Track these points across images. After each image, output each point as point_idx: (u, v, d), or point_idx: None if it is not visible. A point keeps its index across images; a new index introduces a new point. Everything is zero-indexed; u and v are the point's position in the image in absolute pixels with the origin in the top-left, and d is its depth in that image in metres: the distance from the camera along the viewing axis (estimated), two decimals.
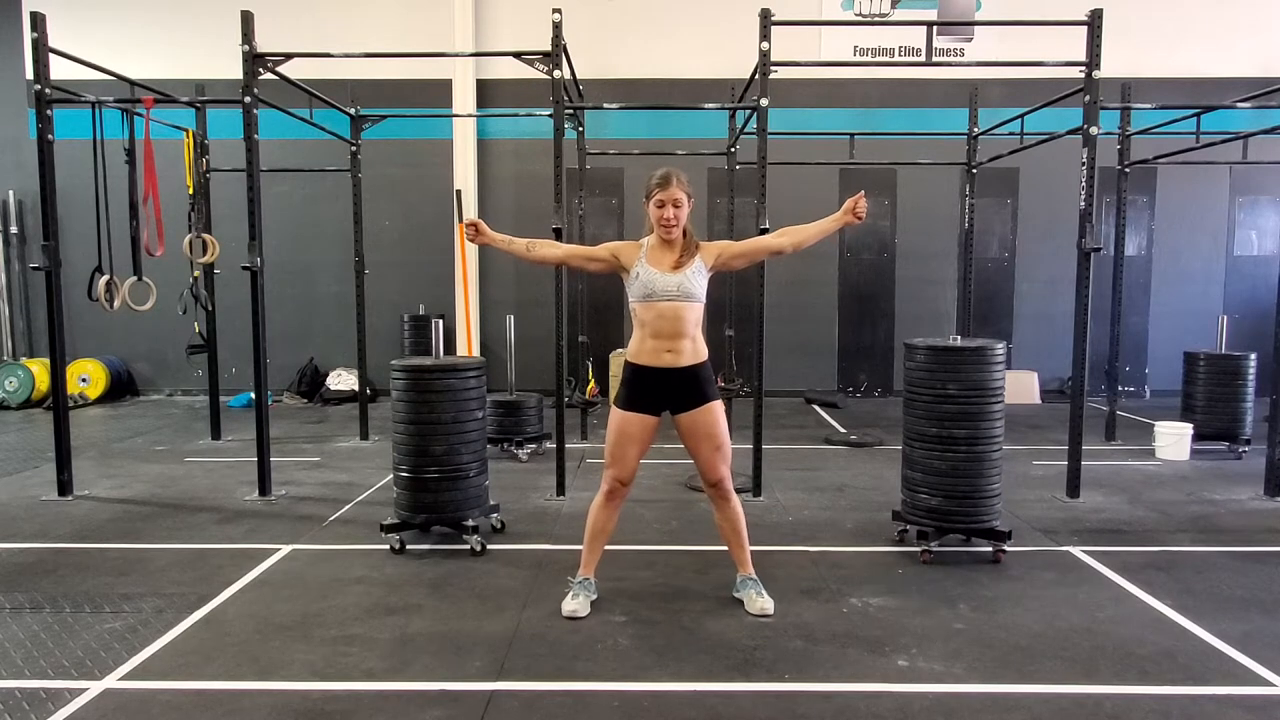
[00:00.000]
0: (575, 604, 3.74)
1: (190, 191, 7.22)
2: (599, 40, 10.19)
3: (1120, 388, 9.42)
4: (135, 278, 6.43)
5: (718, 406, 3.74)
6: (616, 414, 3.75)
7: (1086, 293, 5.66)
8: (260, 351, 5.82)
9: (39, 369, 9.86)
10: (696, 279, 3.65)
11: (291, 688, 3.12)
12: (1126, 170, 7.88)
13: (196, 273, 7.37)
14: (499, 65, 10.10)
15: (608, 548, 3.97)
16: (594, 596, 3.84)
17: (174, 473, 6.58)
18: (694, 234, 3.78)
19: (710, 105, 6.86)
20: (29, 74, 5.97)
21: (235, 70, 5.70)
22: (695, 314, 3.67)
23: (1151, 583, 4.16)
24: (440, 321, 5.16)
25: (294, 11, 10.24)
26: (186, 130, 7.26)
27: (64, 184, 5.90)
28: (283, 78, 6.30)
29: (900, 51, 10.55)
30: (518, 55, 5.82)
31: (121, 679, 3.18)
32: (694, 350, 3.68)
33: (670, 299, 3.60)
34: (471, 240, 3.78)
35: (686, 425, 3.72)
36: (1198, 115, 7.43)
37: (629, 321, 3.76)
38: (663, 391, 3.68)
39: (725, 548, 3.96)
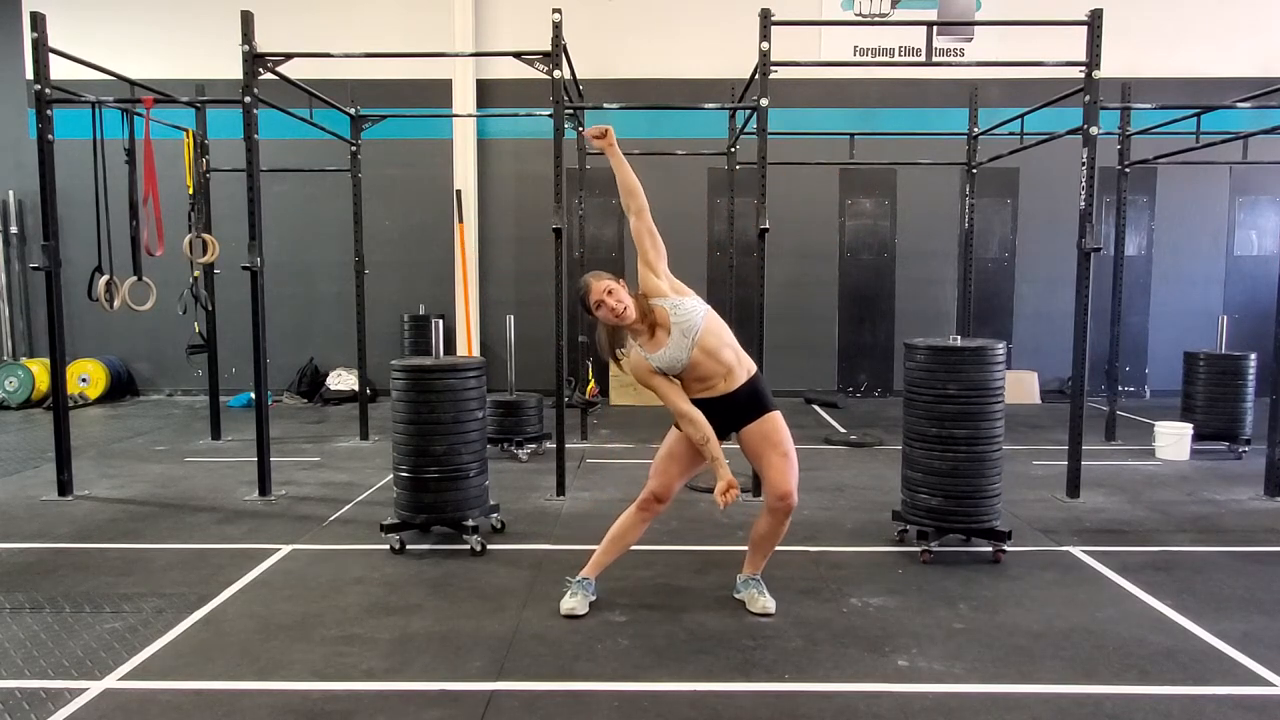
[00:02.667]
0: (574, 602, 3.74)
1: (190, 191, 7.22)
2: (599, 40, 10.19)
3: (1120, 388, 9.42)
4: (135, 278, 6.43)
5: (778, 416, 3.67)
6: (671, 433, 3.75)
7: (1086, 293, 5.66)
8: (260, 351, 5.82)
9: (39, 369, 9.86)
10: (682, 311, 3.52)
11: (291, 688, 3.12)
12: (1126, 170, 7.88)
13: (196, 273, 7.37)
14: (499, 65, 10.11)
15: None
16: (593, 597, 3.83)
17: (174, 473, 6.58)
18: (647, 301, 3.59)
19: (710, 105, 6.86)
20: (29, 74, 5.96)
21: (235, 70, 5.70)
22: (716, 332, 3.55)
23: (1151, 583, 4.16)
24: (440, 321, 5.16)
25: (294, 11, 10.23)
26: (186, 130, 7.26)
27: (64, 184, 5.90)
28: (283, 78, 6.30)
29: (900, 51, 10.55)
30: (518, 55, 5.82)
31: (121, 679, 3.18)
32: (740, 370, 3.62)
33: (691, 349, 3.52)
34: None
35: (751, 438, 3.65)
36: (1198, 115, 7.43)
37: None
38: (722, 415, 3.61)
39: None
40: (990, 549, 4.49)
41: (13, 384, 9.91)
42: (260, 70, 5.75)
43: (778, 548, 4.48)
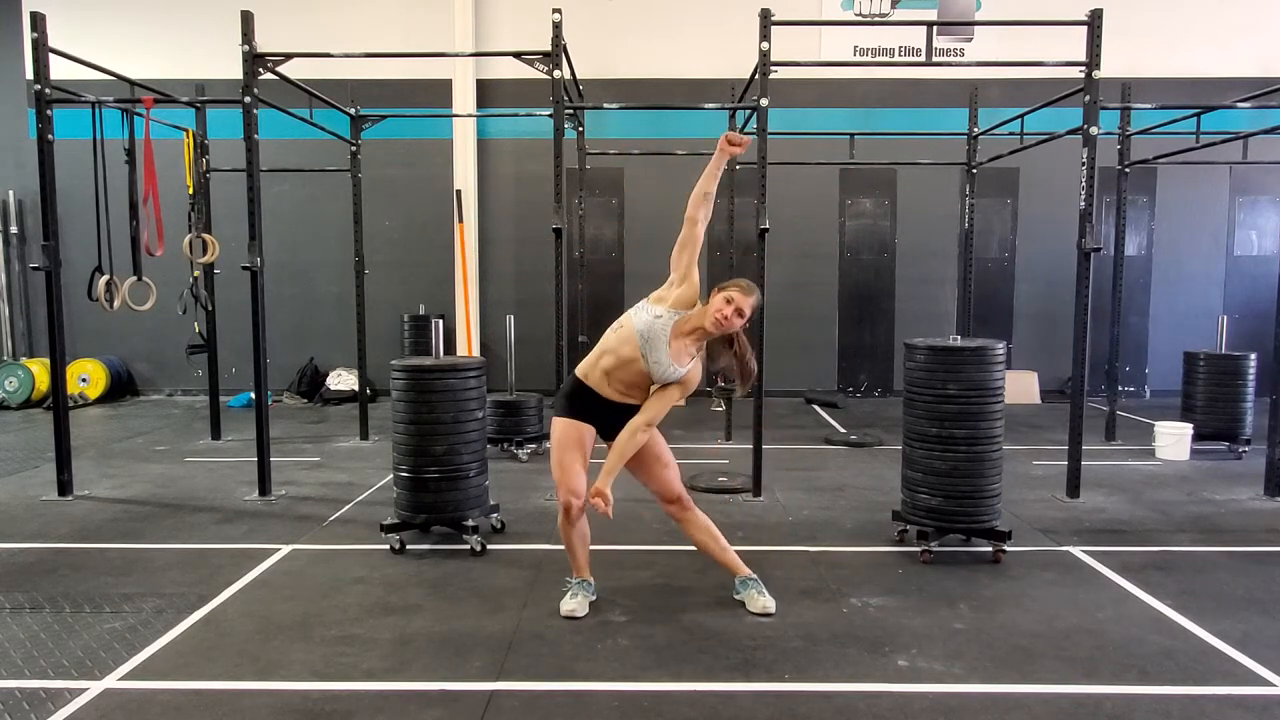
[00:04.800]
0: (574, 603, 3.74)
1: (190, 191, 7.22)
2: (599, 40, 10.19)
3: (1120, 388, 9.42)
4: (135, 278, 6.43)
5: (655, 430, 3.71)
6: (555, 422, 3.72)
7: (1086, 293, 5.66)
8: (260, 351, 5.82)
9: (39, 369, 9.86)
10: (682, 369, 3.58)
11: (291, 688, 3.12)
12: (1126, 170, 7.88)
13: (196, 273, 7.37)
14: (499, 65, 10.11)
15: (608, 548, 3.98)
16: (593, 597, 3.84)
17: (174, 473, 6.58)
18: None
19: (710, 105, 6.86)
20: (29, 74, 5.96)
21: (235, 70, 5.70)
22: (658, 385, 3.63)
23: (1151, 583, 4.16)
24: (440, 321, 5.16)
25: (294, 11, 10.23)
26: (186, 130, 7.26)
27: (64, 184, 5.89)
28: (283, 78, 6.30)
29: (900, 51, 10.55)
30: (518, 55, 5.82)
31: (121, 679, 3.18)
32: (641, 398, 3.66)
33: (654, 379, 3.58)
34: (736, 146, 3.57)
35: (638, 452, 3.66)
36: (1198, 115, 7.43)
37: (605, 336, 3.73)
38: (602, 414, 3.67)
39: (712, 559, 3.94)
40: (990, 549, 4.49)
41: (13, 384, 9.91)
42: (260, 70, 5.75)
43: (778, 547, 4.48)
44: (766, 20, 5.52)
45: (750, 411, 5.89)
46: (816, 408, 10.04)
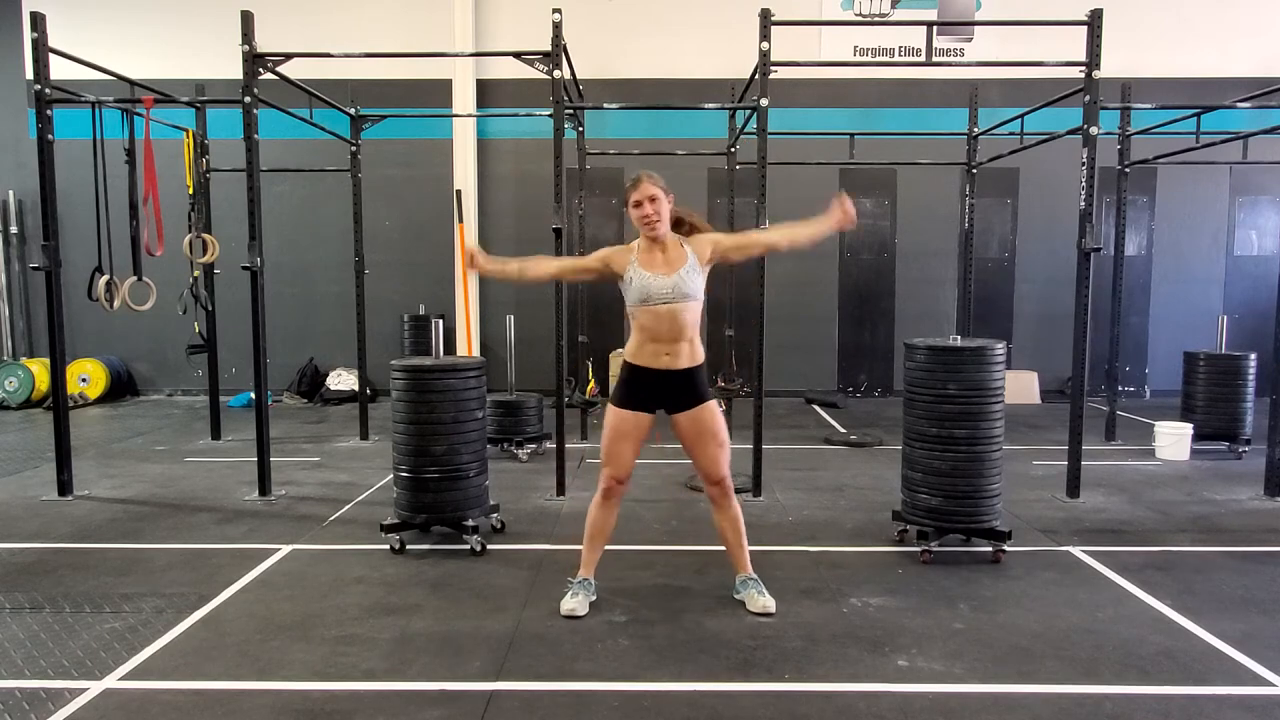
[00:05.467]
0: (574, 603, 3.74)
1: (190, 191, 7.22)
2: (599, 40, 10.19)
3: (1120, 388, 9.42)
4: (135, 278, 6.43)
5: (714, 405, 3.76)
6: (611, 412, 3.78)
7: (1086, 293, 5.66)
8: (260, 351, 5.82)
9: (39, 369, 9.86)
10: (691, 278, 3.63)
11: (291, 688, 3.12)
12: (1126, 170, 7.88)
13: (196, 273, 7.38)
14: (499, 65, 10.10)
15: (608, 548, 3.97)
16: (593, 597, 3.84)
17: (174, 473, 6.58)
18: (691, 226, 3.77)
19: (710, 105, 6.86)
20: (29, 74, 5.96)
21: (235, 70, 5.70)
22: (693, 314, 3.67)
23: (1151, 583, 4.16)
24: (440, 321, 5.16)
25: (294, 11, 10.23)
26: (186, 130, 7.26)
27: (64, 184, 5.90)
28: (283, 78, 6.30)
29: (900, 51, 10.55)
30: (518, 55, 5.82)
31: (121, 679, 3.18)
32: (692, 353, 3.69)
33: (666, 301, 3.59)
34: (471, 268, 3.79)
35: (686, 425, 3.73)
36: (1198, 115, 7.43)
37: (629, 321, 3.76)
38: (660, 392, 3.70)
39: (725, 548, 3.95)
40: (990, 549, 4.49)
41: (13, 384, 9.91)
42: (260, 70, 5.75)
43: (778, 547, 4.48)
44: (766, 20, 5.52)
45: (750, 411, 5.89)
46: (816, 408, 10.04)
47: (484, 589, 4.07)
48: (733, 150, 8.15)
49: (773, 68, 5.57)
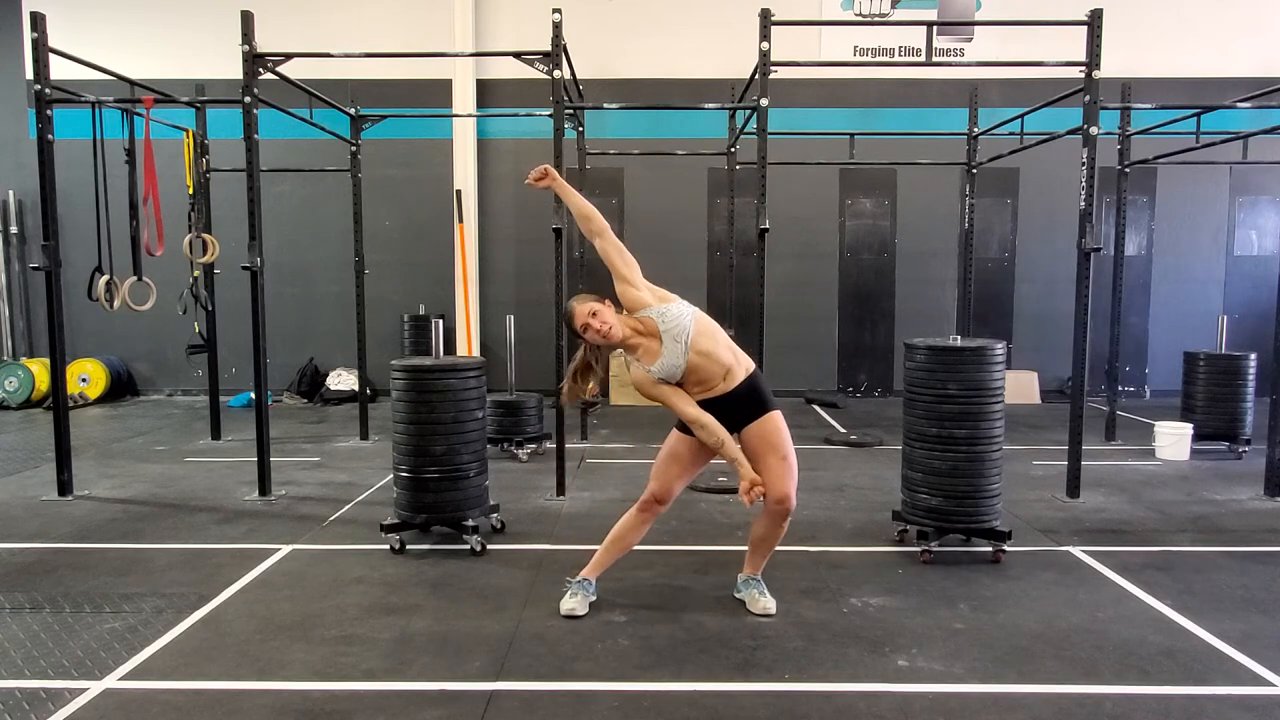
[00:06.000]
0: (574, 602, 3.74)
1: (190, 191, 7.22)
2: (599, 40, 10.19)
3: (1120, 388, 9.42)
4: (135, 278, 6.43)
5: (778, 416, 3.64)
6: (672, 434, 3.75)
7: (1086, 293, 5.66)
8: (260, 351, 5.82)
9: (39, 369, 9.86)
10: (669, 317, 3.52)
11: (291, 688, 3.12)
12: (1126, 170, 7.88)
13: (196, 273, 7.38)
14: (499, 65, 10.10)
15: None
16: (593, 598, 3.83)
17: (174, 473, 6.58)
18: (632, 317, 3.62)
19: (710, 105, 6.86)
20: (29, 74, 5.96)
21: (235, 70, 5.70)
22: (709, 334, 3.55)
23: (1151, 583, 4.16)
24: (440, 321, 5.16)
25: (294, 11, 10.23)
26: (186, 130, 7.26)
27: (64, 184, 5.90)
28: (283, 78, 6.30)
29: (900, 51, 10.55)
30: (518, 55, 5.82)
31: (121, 679, 3.18)
32: (738, 369, 3.60)
33: (686, 354, 3.52)
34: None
35: (750, 438, 3.62)
36: (1198, 115, 7.43)
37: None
38: (722, 413, 3.57)
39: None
40: (990, 549, 4.49)
41: (13, 384, 9.91)
42: (260, 70, 5.75)
43: (777, 547, 4.48)
44: (766, 20, 5.52)
45: None
46: (816, 408, 10.03)
47: (484, 589, 4.07)
48: (733, 150, 8.15)
49: (773, 68, 5.57)
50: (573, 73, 6.76)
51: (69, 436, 5.86)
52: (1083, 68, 5.56)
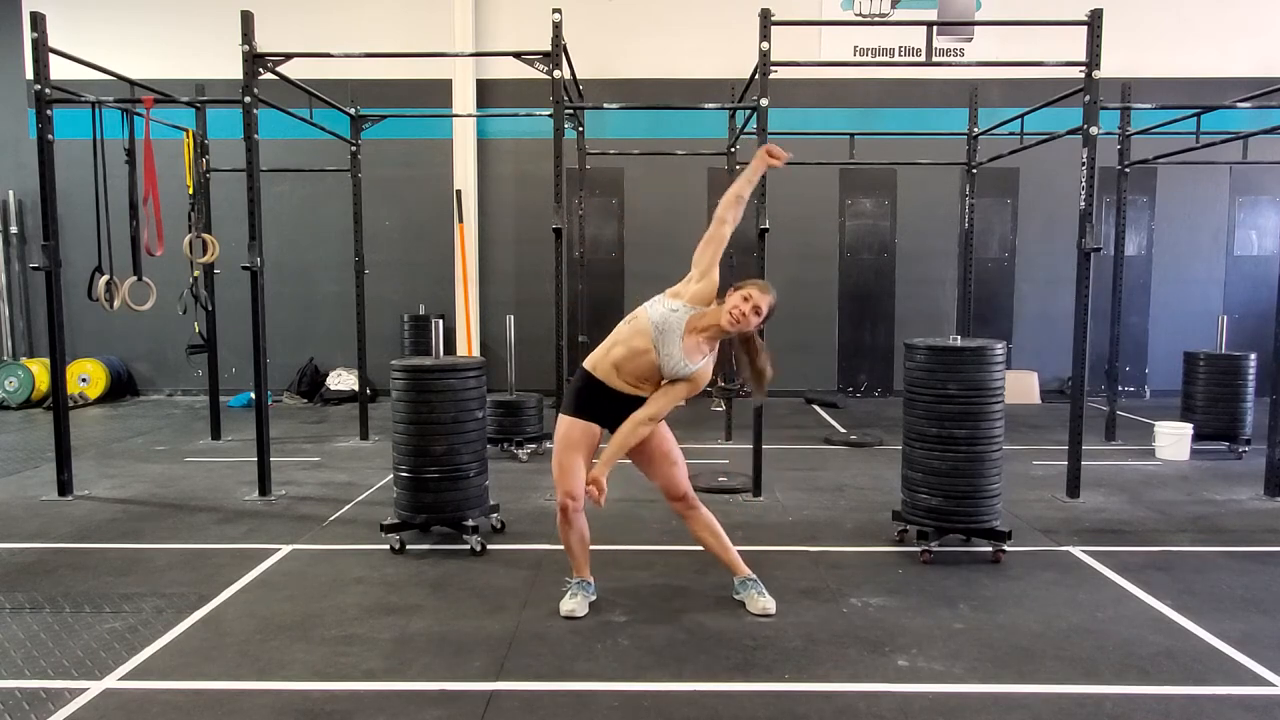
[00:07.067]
0: (573, 603, 3.74)
1: (190, 191, 7.22)
2: (599, 40, 10.19)
3: (1120, 388, 9.42)
4: (135, 278, 6.43)
5: (663, 425, 3.71)
6: (563, 421, 3.68)
7: (1086, 293, 5.66)
8: (260, 351, 5.82)
9: (39, 369, 9.86)
10: (696, 365, 3.56)
11: (291, 688, 3.12)
12: (1126, 170, 7.88)
13: (196, 273, 7.38)
14: (499, 65, 10.10)
15: (608, 548, 3.98)
16: (593, 597, 3.83)
17: (174, 473, 6.58)
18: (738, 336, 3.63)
19: (710, 105, 6.86)
20: (29, 74, 5.96)
21: (235, 70, 5.70)
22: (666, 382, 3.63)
23: (1151, 583, 4.16)
24: (440, 321, 5.16)
25: (294, 11, 10.23)
26: (186, 130, 7.26)
27: (64, 184, 5.90)
28: (283, 78, 6.30)
29: (900, 51, 10.55)
30: (518, 55, 5.82)
31: (121, 679, 3.18)
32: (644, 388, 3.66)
33: (665, 373, 3.56)
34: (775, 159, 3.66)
35: (639, 448, 3.66)
36: (1198, 115, 7.43)
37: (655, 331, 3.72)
38: (612, 408, 3.63)
39: (714, 557, 3.93)
40: (990, 549, 4.49)
41: (13, 384, 9.91)
42: (260, 70, 5.75)
43: (778, 547, 4.48)
44: (766, 20, 5.52)
45: (750, 411, 5.89)
46: (816, 408, 10.04)
47: (484, 589, 4.07)
48: (733, 150, 8.15)
49: (773, 68, 5.58)
50: (573, 73, 6.76)
51: (69, 436, 5.86)
52: (1083, 68, 5.56)
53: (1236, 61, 10.47)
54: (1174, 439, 7.03)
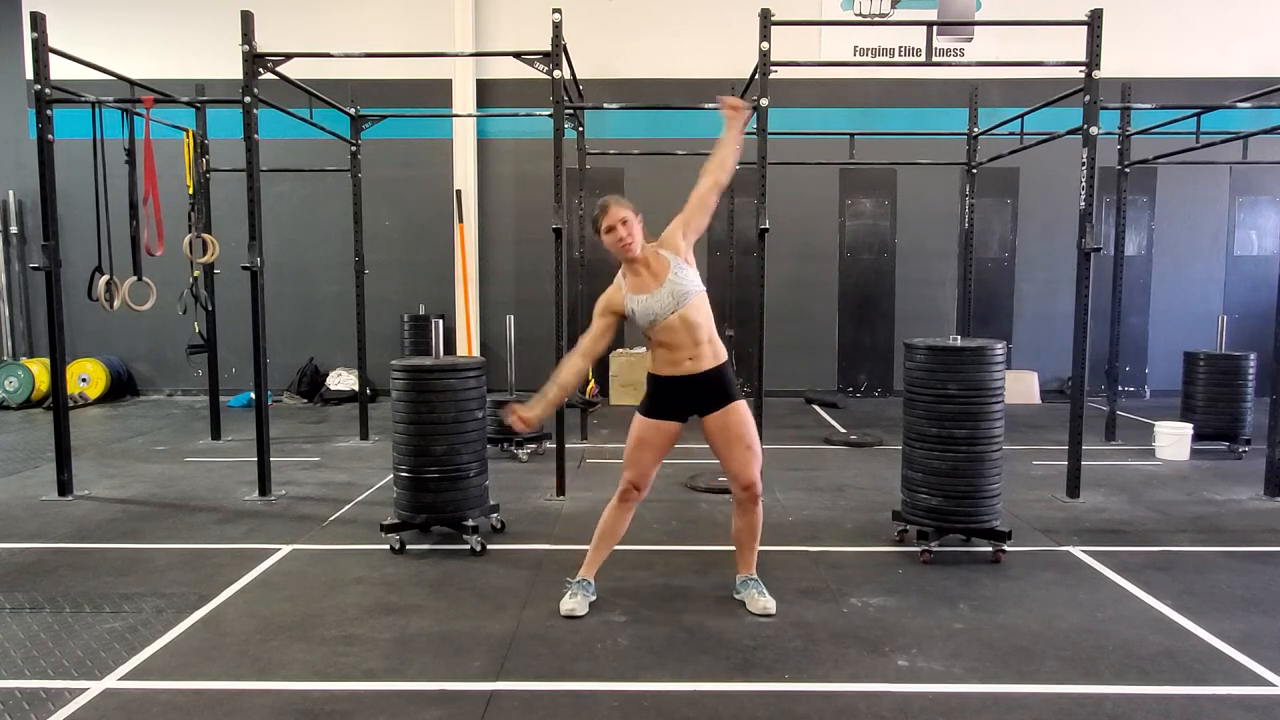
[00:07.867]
0: (574, 603, 3.74)
1: (190, 191, 7.22)
2: (599, 40, 10.19)
3: (1120, 388, 9.42)
4: (135, 278, 6.43)
5: (744, 406, 3.71)
6: (637, 420, 3.75)
7: (1086, 293, 5.66)
8: (260, 351, 5.81)
9: (39, 369, 9.86)
10: (682, 275, 3.60)
11: (291, 688, 3.12)
12: (1126, 170, 7.88)
13: (196, 273, 7.38)
14: (499, 65, 10.10)
15: None
16: (593, 598, 3.83)
17: (174, 473, 6.58)
18: (656, 249, 3.66)
19: (710, 105, 6.82)
20: (29, 74, 5.96)
21: (235, 70, 5.70)
22: (703, 311, 3.63)
23: (1151, 583, 4.16)
24: (440, 321, 5.16)
25: (294, 11, 10.23)
26: (186, 130, 7.26)
27: (64, 184, 5.90)
28: (283, 78, 6.30)
29: (900, 51, 10.55)
30: (518, 55, 5.82)
31: (121, 679, 3.18)
32: (714, 353, 3.65)
33: (673, 311, 3.56)
34: (523, 426, 3.55)
35: (715, 427, 3.68)
36: (1198, 115, 7.43)
37: (648, 341, 3.73)
38: (687, 397, 3.66)
39: (725, 548, 3.97)
40: (990, 549, 4.49)
41: (13, 384, 9.91)
42: (260, 70, 5.75)
43: (778, 547, 4.48)
44: (766, 20, 5.52)
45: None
46: (816, 408, 10.04)
47: (484, 589, 4.07)
48: None
49: (773, 68, 5.58)
50: (573, 73, 6.76)
51: (69, 436, 5.86)
52: (1083, 68, 5.56)
53: (1236, 61, 10.47)
54: (1174, 439, 7.03)
